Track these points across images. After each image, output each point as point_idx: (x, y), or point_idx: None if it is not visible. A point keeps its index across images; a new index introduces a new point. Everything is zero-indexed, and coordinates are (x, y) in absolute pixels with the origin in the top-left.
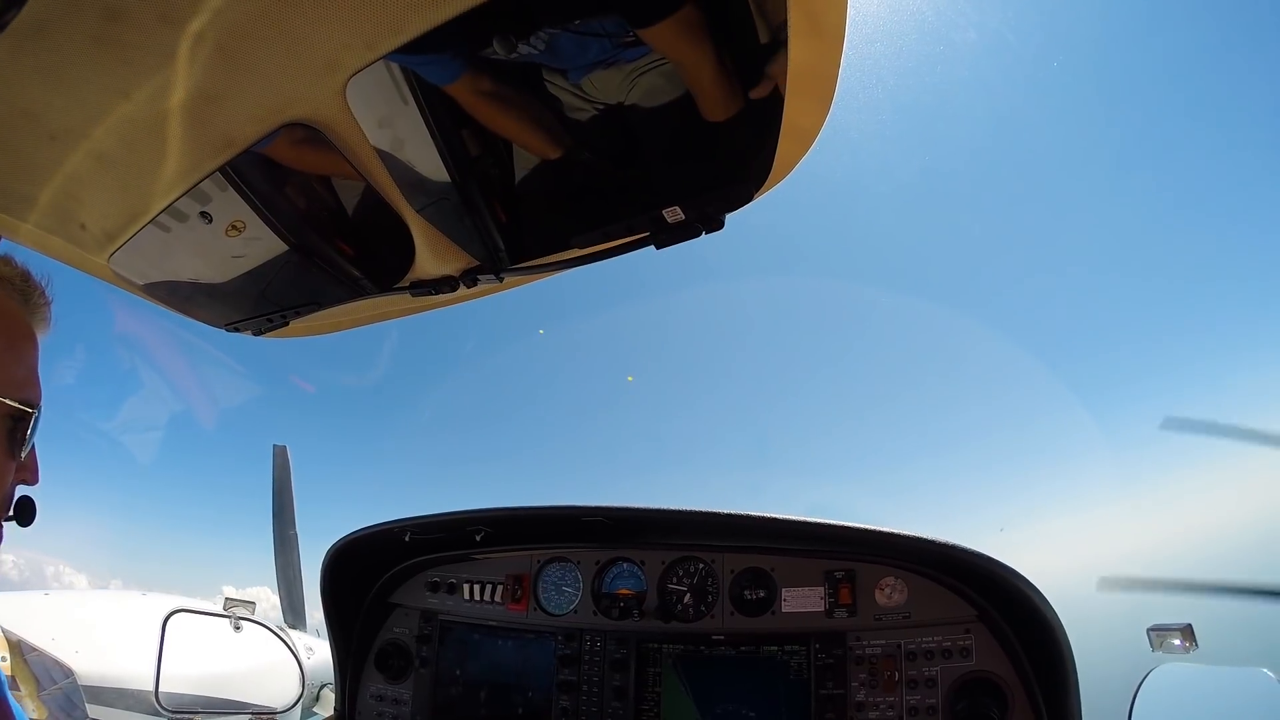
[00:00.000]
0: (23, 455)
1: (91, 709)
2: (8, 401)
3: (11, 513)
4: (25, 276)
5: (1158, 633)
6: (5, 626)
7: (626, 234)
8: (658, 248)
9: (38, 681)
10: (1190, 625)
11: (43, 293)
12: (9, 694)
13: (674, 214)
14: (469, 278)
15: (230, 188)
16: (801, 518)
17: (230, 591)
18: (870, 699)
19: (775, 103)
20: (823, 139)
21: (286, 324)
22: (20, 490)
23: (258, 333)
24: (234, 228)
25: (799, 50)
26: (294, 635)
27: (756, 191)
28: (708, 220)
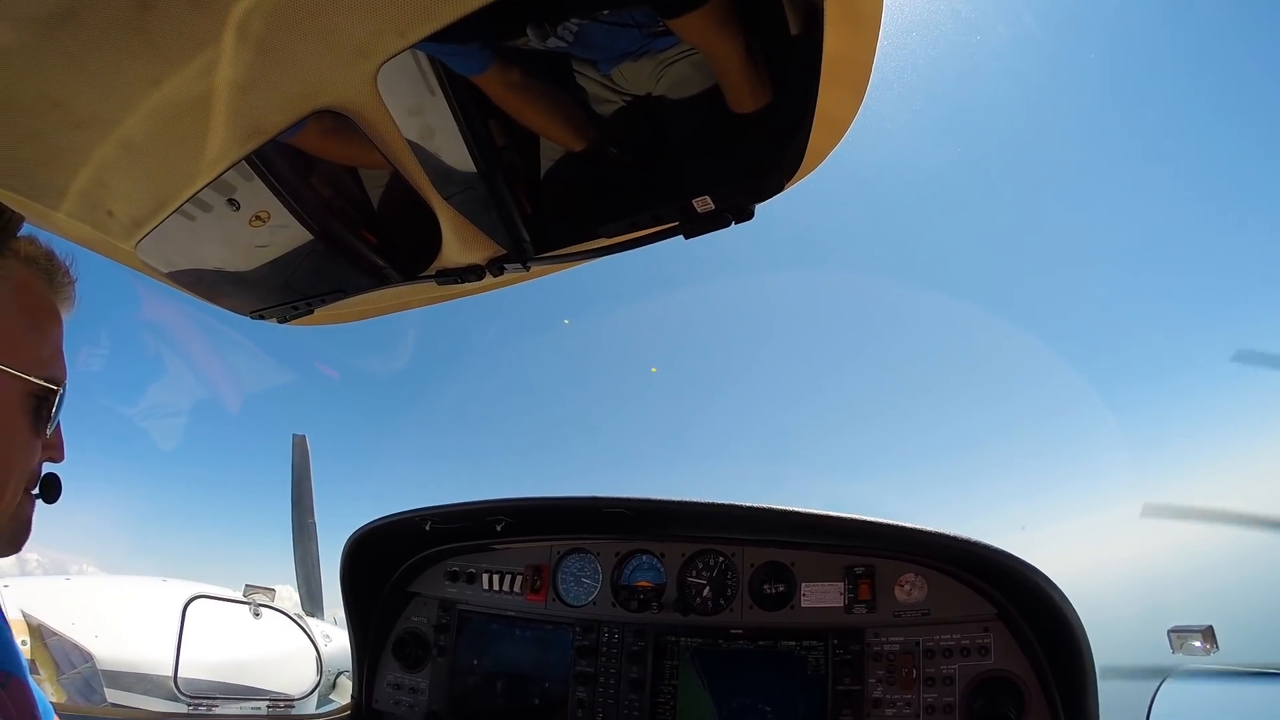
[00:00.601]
0: (49, 433)
1: (110, 693)
2: (34, 379)
3: (38, 490)
4: (50, 255)
5: (1178, 634)
6: (26, 611)
7: (655, 223)
8: (687, 238)
9: (57, 665)
10: (1211, 627)
11: (67, 271)
12: (30, 677)
13: (704, 204)
14: (496, 266)
15: (257, 176)
16: (822, 511)
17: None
18: (887, 696)
19: (809, 92)
20: (854, 129)
21: (311, 312)
22: (46, 468)
23: (283, 320)
24: (259, 217)
25: (834, 39)
26: (311, 623)
27: (788, 181)
28: (738, 210)
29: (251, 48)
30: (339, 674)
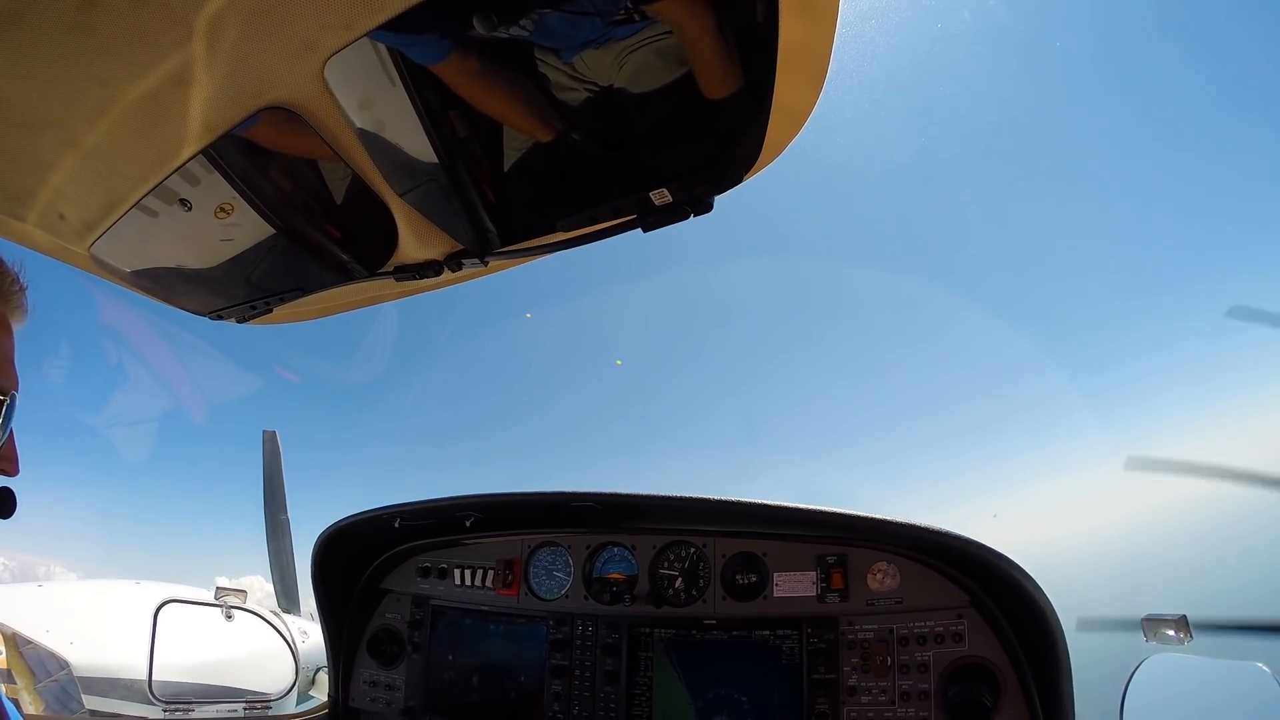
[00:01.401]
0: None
1: (87, 699)
2: None
3: None
4: None
5: (1152, 623)
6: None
7: (613, 217)
8: (645, 230)
9: (34, 674)
10: (1185, 616)
11: (15, 279)
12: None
13: (661, 196)
14: (453, 262)
15: (213, 171)
16: (793, 504)
17: (223, 581)
18: (862, 683)
19: (766, 82)
20: (814, 118)
21: (270, 310)
22: (0, 481)
23: (241, 320)
24: (222, 210)
25: (791, 27)
26: (288, 619)
27: (746, 173)
28: (696, 202)
29: (197, 44)
30: (318, 669)
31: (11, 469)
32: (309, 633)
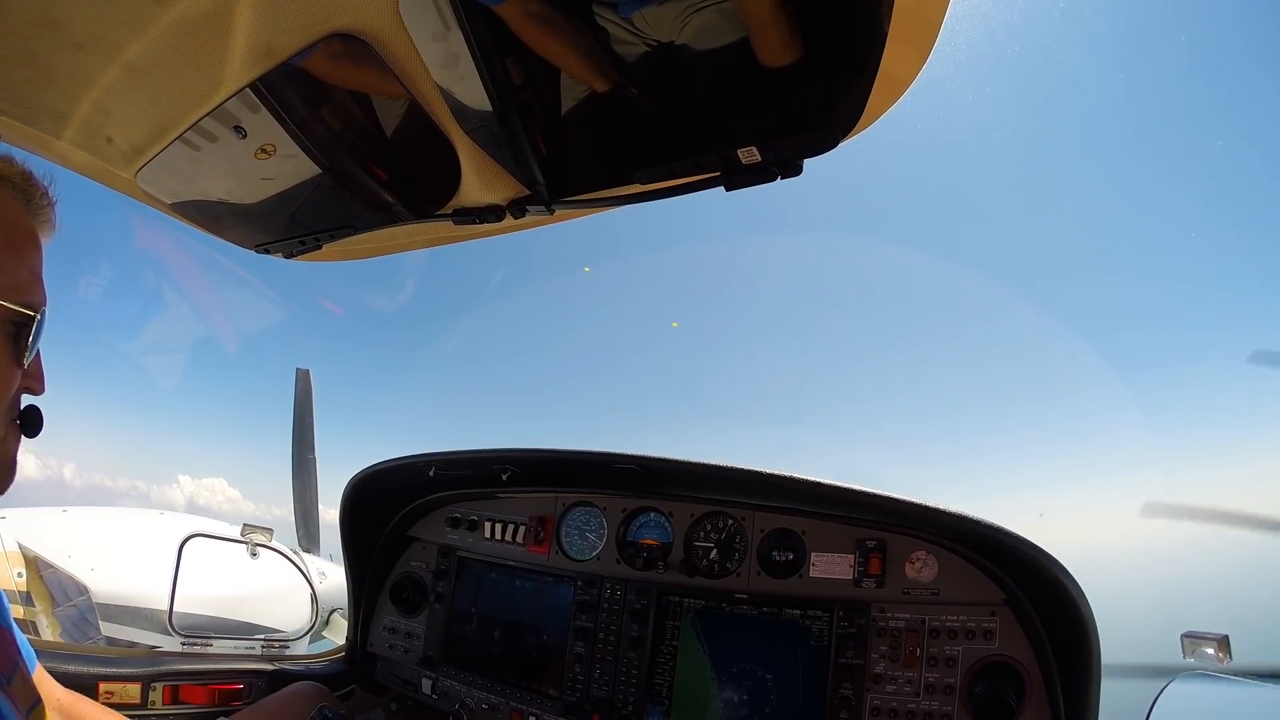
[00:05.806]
0: (27, 362)
1: (105, 626)
2: (10, 305)
3: (18, 423)
4: (27, 176)
5: (1191, 640)
6: (23, 543)
7: (695, 172)
8: (728, 189)
9: (53, 598)
10: (1227, 636)
11: (46, 193)
12: (11, 623)
13: (750, 155)
14: (517, 208)
15: (266, 103)
16: (839, 483)
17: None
18: (888, 672)
19: (874, 47)
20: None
21: (319, 247)
22: (26, 400)
23: (289, 255)
24: (265, 150)
25: None
26: (307, 559)
27: (842, 138)
28: (785, 164)
29: None
30: (333, 611)
31: (38, 387)
32: (326, 574)
